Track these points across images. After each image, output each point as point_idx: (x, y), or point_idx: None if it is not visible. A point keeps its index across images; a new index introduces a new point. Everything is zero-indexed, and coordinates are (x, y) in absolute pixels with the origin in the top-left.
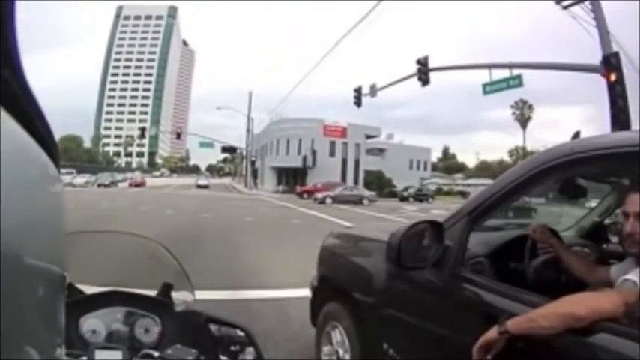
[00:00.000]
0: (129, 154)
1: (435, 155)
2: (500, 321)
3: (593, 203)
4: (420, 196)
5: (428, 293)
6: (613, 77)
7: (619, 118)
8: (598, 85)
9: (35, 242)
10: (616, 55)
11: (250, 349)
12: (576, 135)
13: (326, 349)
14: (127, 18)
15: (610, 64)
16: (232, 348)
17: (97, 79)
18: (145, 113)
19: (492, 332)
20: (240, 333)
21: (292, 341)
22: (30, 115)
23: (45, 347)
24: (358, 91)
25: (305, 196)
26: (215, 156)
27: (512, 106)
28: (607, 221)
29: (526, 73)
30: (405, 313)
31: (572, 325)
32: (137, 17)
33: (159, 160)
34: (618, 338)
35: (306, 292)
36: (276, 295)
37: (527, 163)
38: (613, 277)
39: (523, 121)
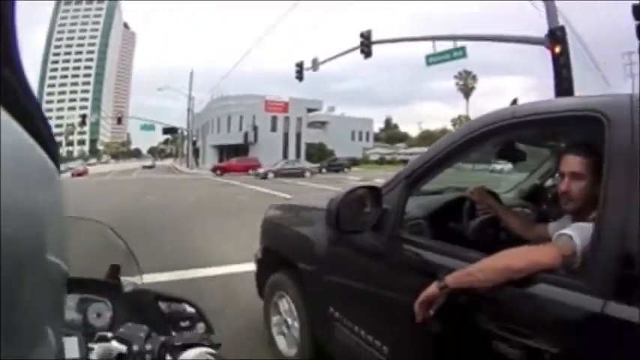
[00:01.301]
0: (70, 143)
1: (378, 126)
2: (440, 277)
3: None
4: (335, 167)
5: (368, 256)
6: (558, 49)
7: (563, 87)
8: (543, 56)
9: (35, 242)
10: (562, 28)
11: (201, 325)
12: (514, 102)
13: (275, 319)
14: (68, 3)
15: (555, 36)
16: (182, 324)
17: (38, 68)
18: (86, 100)
19: (432, 288)
20: (190, 309)
21: (242, 316)
22: (30, 115)
23: (46, 342)
24: (300, 66)
25: (218, 172)
26: (157, 138)
27: (455, 77)
28: (547, 183)
29: (471, 45)
30: (347, 277)
31: (511, 277)
32: (78, 2)
33: (100, 147)
34: (557, 288)
35: (252, 267)
36: (224, 272)
37: (465, 127)
38: (551, 234)
39: (466, 91)
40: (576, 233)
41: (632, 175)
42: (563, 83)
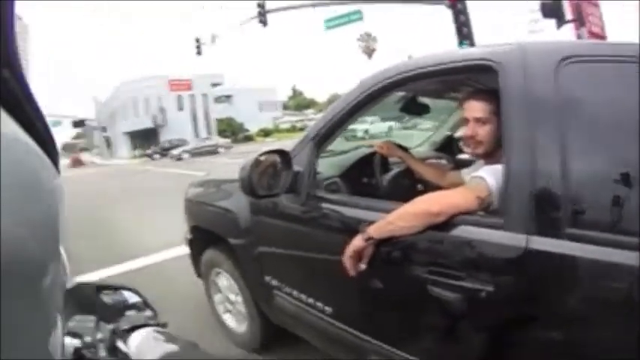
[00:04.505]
0: None
1: (286, 94)
2: (362, 229)
3: None
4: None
5: (290, 220)
6: (459, 6)
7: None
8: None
9: (35, 243)
10: None
11: (147, 312)
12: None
13: (217, 297)
14: None
15: None
16: (128, 313)
17: None
18: None
19: (357, 241)
20: (133, 298)
21: (185, 302)
22: (30, 115)
23: (43, 346)
24: (198, 41)
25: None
26: (67, 133)
27: (357, 40)
28: (458, 134)
29: (369, 8)
30: (275, 244)
31: (431, 222)
32: None
33: None
34: (481, 228)
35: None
36: (159, 259)
37: (365, 82)
38: (465, 179)
39: (369, 52)
40: (488, 175)
41: (526, 117)
42: (464, 41)
